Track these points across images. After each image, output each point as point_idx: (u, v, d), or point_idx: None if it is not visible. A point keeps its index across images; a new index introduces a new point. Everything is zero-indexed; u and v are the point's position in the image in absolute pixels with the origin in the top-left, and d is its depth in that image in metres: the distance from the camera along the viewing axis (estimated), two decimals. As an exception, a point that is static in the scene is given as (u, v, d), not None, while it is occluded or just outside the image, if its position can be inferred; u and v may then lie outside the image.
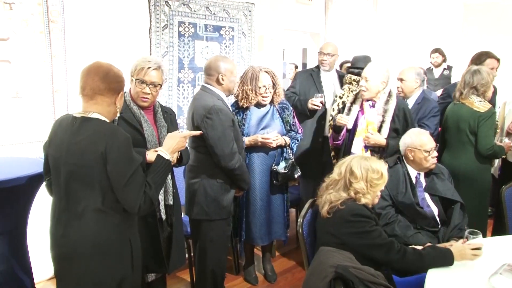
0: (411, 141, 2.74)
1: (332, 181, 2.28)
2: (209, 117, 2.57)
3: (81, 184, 1.80)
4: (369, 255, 2.10)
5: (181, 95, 3.65)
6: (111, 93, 1.86)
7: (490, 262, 2.06)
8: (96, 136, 1.79)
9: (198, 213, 2.73)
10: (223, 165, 2.64)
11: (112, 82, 1.85)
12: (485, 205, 3.28)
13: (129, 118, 2.35)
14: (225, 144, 2.60)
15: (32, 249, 2.59)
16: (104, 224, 1.83)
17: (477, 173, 3.20)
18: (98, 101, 1.85)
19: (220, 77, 2.70)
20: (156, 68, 2.35)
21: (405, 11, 6.37)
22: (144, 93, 2.34)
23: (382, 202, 2.65)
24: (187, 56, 3.63)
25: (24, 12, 2.83)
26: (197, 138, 2.64)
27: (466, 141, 3.19)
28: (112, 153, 1.76)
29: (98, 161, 1.77)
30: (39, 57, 2.93)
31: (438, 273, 2.02)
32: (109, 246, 1.85)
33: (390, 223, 2.60)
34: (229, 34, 3.88)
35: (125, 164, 1.79)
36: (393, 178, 2.69)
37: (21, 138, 2.91)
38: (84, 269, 1.84)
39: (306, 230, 2.33)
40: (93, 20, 3.12)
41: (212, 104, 2.59)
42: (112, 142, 1.78)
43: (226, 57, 2.91)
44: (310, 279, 1.94)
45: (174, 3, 3.47)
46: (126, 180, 1.78)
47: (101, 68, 1.85)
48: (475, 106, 3.15)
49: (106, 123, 1.85)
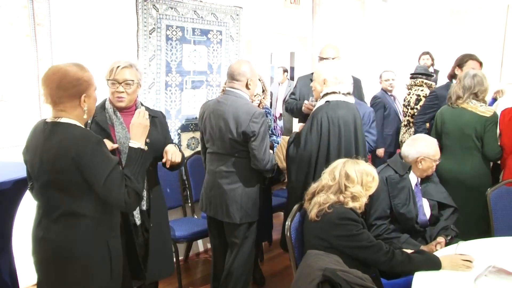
0: (427, 151, 2.71)
1: (323, 186, 2.28)
2: (255, 121, 2.62)
3: (56, 190, 1.80)
4: (357, 257, 2.12)
5: (168, 99, 3.63)
6: (70, 98, 1.81)
7: (476, 264, 2.09)
8: (66, 141, 1.77)
9: (243, 217, 2.77)
10: (259, 167, 2.70)
11: (68, 89, 1.80)
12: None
13: (100, 121, 2.35)
14: (264, 147, 2.67)
15: (17, 254, 2.55)
16: (80, 228, 1.83)
17: (484, 178, 3.22)
18: (62, 107, 1.82)
19: (249, 82, 2.73)
20: (126, 66, 2.35)
21: (392, 15, 6.43)
22: (118, 92, 2.34)
23: (382, 213, 2.63)
24: (174, 60, 3.61)
25: (10, 15, 2.80)
26: (236, 143, 2.67)
27: (471, 146, 3.18)
28: (85, 157, 1.75)
29: (69, 166, 1.75)
30: (25, 60, 2.90)
31: (425, 275, 2.04)
32: (85, 250, 1.84)
33: (381, 234, 2.59)
34: (216, 37, 3.88)
35: (100, 165, 1.78)
36: (400, 186, 2.68)
37: (7, 141, 2.87)
38: (61, 274, 1.84)
39: (294, 234, 2.33)
40: (80, 23, 3.09)
41: (254, 109, 2.66)
42: (83, 146, 1.76)
43: (248, 61, 2.91)
44: (298, 282, 1.95)
45: (162, 7, 3.46)
46: (104, 179, 1.77)
47: (55, 75, 1.80)
48: (479, 111, 3.14)
49: (76, 127, 1.82)
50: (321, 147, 2.68)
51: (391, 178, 2.69)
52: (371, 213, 2.63)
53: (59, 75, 1.80)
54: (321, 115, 2.68)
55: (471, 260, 2.10)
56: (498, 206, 2.94)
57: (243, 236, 2.82)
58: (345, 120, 2.69)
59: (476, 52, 4.02)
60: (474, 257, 2.12)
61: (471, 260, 2.10)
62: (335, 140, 2.68)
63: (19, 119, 2.92)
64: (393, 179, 2.69)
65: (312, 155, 2.70)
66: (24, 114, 2.93)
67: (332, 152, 2.67)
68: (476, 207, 3.06)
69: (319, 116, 2.69)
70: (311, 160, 2.70)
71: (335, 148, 2.67)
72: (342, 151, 2.66)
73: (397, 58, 6.40)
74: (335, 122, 2.67)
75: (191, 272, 3.74)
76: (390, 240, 2.55)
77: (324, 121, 2.67)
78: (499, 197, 2.96)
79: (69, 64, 1.86)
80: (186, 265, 3.81)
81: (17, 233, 2.53)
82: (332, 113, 2.68)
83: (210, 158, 2.86)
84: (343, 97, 2.74)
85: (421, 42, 6.81)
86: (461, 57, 3.81)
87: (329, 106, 2.71)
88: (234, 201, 2.74)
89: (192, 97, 3.80)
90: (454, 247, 2.29)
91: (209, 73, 3.89)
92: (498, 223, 2.91)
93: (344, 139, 2.69)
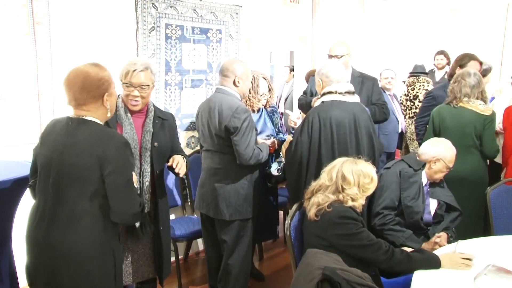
0: (445, 154, 2.72)
1: (321, 186, 2.27)
2: (237, 116, 2.61)
3: (72, 185, 1.79)
4: (357, 256, 2.12)
5: (168, 98, 3.63)
6: (95, 99, 1.84)
7: (475, 263, 2.09)
8: (94, 138, 1.79)
9: (233, 214, 2.76)
10: (243, 163, 2.68)
11: (91, 90, 1.82)
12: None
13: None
14: (246, 142, 2.64)
15: (17, 254, 2.55)
16: (89, 229, 1.81)
17: (483, 175, 3.25)
18: (85, 108, 1.85)
19: (237, 80, 2.74)
20: (142, 70, 2.32)
21: (392, 14, 6.43)
22: (134, 96, 2.33)
23: (389, 203, 2.66)
24: (174, 59, 3.61)
25: (9, 14, 2.79)
26: (221, 139, 2.68)
27: (471, 144, 3.19)
28: (111, 156, 1.76)
29: (94, 163, 1.76)
30: (24, 59, 2.89)
31: (425, 274, 2.04)
32: (92, 252, 1.82)
33: (387, 223, 2.61)
34: (216, 36, 3.88)
35: (124, 168, 1.80)
36: (412, 180, 2.70)
37: (6, 141, 2.87)
38: (65, 275, 1.81)
39: (294, 233, 2.33)
40: (79, 22, 3.09)
41: (237, 104, 2.65)
42: (110, 145, 1.78)
43: (241, 60, 2.93)
44: (298, 281, 1.94)
45: (161, 5, 3.46)
46: (125, 183, 1.78)
47: (78, 77, 1.82)
48: (479, 109, 3.16)
49: (103, 127, 1.86)
50: (312, 149, 2.64)
51: (405, 171, 2.73)
52: (379, 202, 2.65)
53: (81, 77, 1.82)
54: (313, 116, 2.66)
55: (471, 258, 2.10)
56: (497, 205, 2.95)
57: (236, 234, 2.82)
58: (338, 121, 2.63)
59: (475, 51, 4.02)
60: (473, 255, 2.12)
61: (470, 258, 2.10)
62: (327, 142, 2.63)
63: (18, 118, 2.91)
64: (407, 173, 2.72)
65: (302, 156, 2.66)
66: (24, 113, 2.93)
67: (324, 154, 2.62)
68: (474, 204, 3.09)
69: (310, 117, 2.67)
70: (302, 161, 2.67)
71: (328, 149, 2.62)
72: (336, 152, 2.60)
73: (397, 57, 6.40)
74: (327, 123, 2.62)
75: (190, 271, 3.74)
76: (395, 232, 2.57)
77: (315, 123, 2.63)
78: (499, 196, 2.97)
79: (88, 65, 1.88)
80: (185, 264, 3.82)
81: (16, 233, 2.53)
82: (324, 114, 2.64)
83: (204, 156, 2.89)
84: (340, 96, 2.69)
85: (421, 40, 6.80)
86: (461, 57, 3.80)
87: (322, 107, 2.69)
88: (223, 198, 2.75)
89: (191, 96, 3.79)
90: (454, 246, 2.29)
91: (208, 72, 3.89)
92: (497, 222, 2.92)
93: (338, 140, 2.63)
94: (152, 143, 2.37)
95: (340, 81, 2.74)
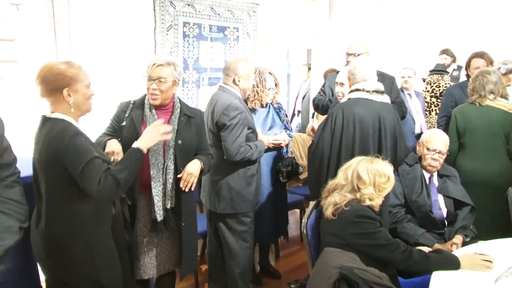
0: (423, 137, 2.85)
1: (337, 185, 2.26)
2: (226, 114, 2.65)
3: (46, 180, 1.90)
4: (374, 255, 2.10)
5: (185, 95, 3.65)
6: (53, 93, 1.91)
7: (496, 264, 2.05)
8: (48, 136, 1.88)
9: (225, 207, 2.81)
10: (228, 158, 2.70)
11: (49, 84, 1.89)
12: None
13: (134, 116, 2.39)
14: (233, 139, 2.67)
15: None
16: (66, 218, 1.92)
17: (509, 176, 3.12)
18: (49, 102, 1.95)
19: (237, 79, 2.77)
20: (162, 64, 2.36)
21: (411, 11, 6.35)
22: (152, 89, 2.36)
23: (394, 200, 2.66)
24: (191, 57, 3.63)
25: (31, 13, 2.84)
26: (214, 135, 2.76)
27: (499, 144, 3.11)
28: (62, 149, 1.84)
29: (54, 160, 1.85)
30: (45, 58, 2.94)
31: (443, 275, 2.01)
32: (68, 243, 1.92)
33: (399, 221, 2.63)
34: (233, 34, 3.88)
35: (75, 155, 1.85)
36: (411, 176, 2.75)
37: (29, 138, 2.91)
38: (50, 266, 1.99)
39: (310, 231, 2.32)
40: (98, 20, 3.13)
41: (229, 102, 2.68)
42: (60, 139, 1.85)
43: (246, 60, 2.95)
44: (315, 280, 1.94)
45: (179, 4, 3.48)
46: (81, 168, 1.84)
47: (42, 71, 1.91)
48: (507, 108, 3.10)
49: (60, 122, 1.91)
50: (333, 145, 2.63)
51: (402, 169, 2.80)
52: (384, 202, 2.63)
53: (44, 70, 1.91)
54: (337, 112, 2.64)
55: (491, 260, 2.06)
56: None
57: (229, 228, 2.86)
58: (361, 119, 2.60)
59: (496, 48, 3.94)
60: (494, 257, 2.09)
61: (491, 260, 2.06)
62: (348, 139, 2.60)
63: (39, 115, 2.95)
64: (404, 170, 2.79)
65: (324, 153, 2.65)
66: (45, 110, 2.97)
67: (344, 151, 2.60)
68: (500, 206, 3.00)
69: (334, 113, 2.66)
70: (323, 158, 2.65)
71: (348, 147, 2.59)
72: (356, 151, 2.57)
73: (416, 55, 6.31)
74: (350, 120, 2.59)
75: (207, 267, 3.75)
76: (407, 229, 2.60)
77: (338, 119, 2.62)
78: (520, 196, 2.90)
79: (61, 62, 1.98)
80: (202, 261, 3.83)
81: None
82: (347, 110, 2.62)
83: None
84: (367, 94, 2.65)
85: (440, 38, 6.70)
86: (470, 56, 3.79)
87: (347, 103, 2.67)
88: (216, 191, 2.82)
89: (208, 94, 3.81)
90: (474, 247, 2.26)
91: (225, 70, 3.90)
92: (518, 223, 2.86)
93: (360, 137, 2.59)
94: (176, 140, 2.38)
95: (367, 79, 2.70)
